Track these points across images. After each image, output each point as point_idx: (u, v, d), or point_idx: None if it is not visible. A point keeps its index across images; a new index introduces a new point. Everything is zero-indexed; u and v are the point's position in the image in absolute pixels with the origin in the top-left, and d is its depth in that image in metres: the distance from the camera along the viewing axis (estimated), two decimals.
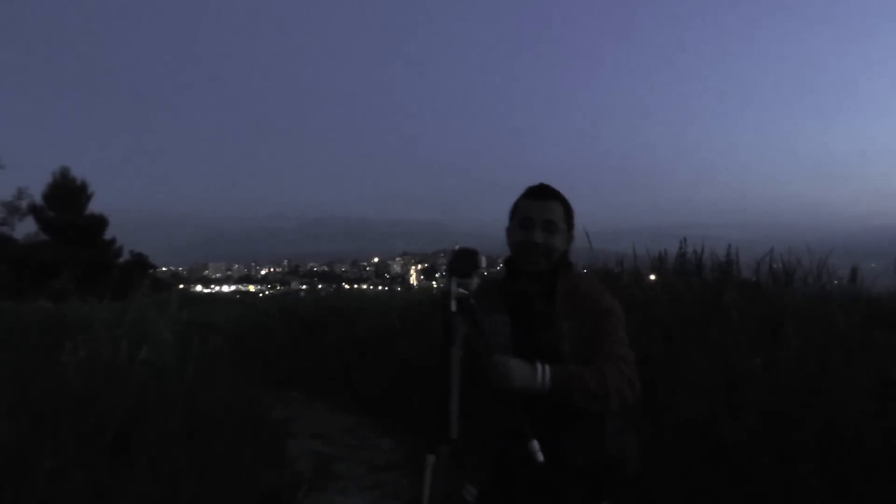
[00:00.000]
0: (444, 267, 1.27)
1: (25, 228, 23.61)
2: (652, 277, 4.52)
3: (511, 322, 1.52)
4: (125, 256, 28.41)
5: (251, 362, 7.34)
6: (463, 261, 1.32)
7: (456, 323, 1.21)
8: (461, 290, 1.27)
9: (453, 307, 1.23)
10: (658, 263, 4.67)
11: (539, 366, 1.36)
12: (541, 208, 1.59)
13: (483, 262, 1.40)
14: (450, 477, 1.10)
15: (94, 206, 27.14)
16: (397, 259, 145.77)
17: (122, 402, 3.33)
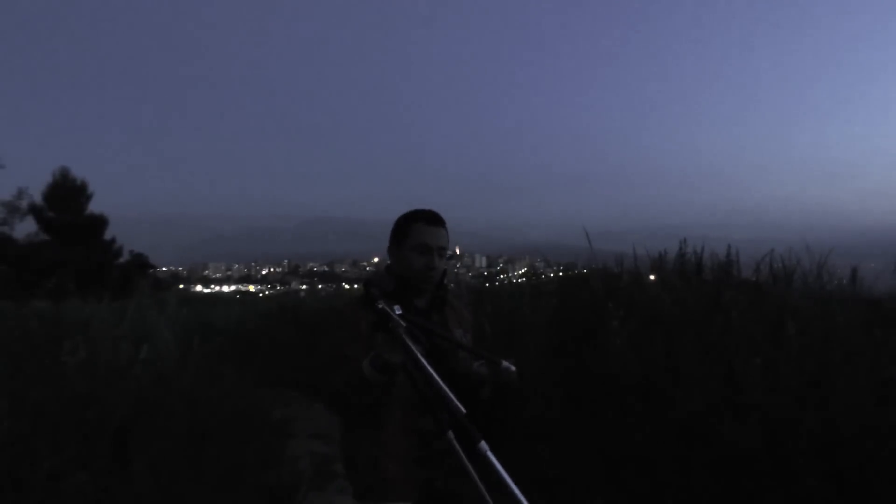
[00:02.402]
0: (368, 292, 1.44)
1: (25, 228, 23.57)
2: (652, 277, 4.52)
3: None
4: (125, 256, 28.35)
5: (251, 362, 7.34)
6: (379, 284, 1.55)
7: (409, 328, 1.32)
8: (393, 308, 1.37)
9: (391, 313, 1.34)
10: (658, 263, 4.67)
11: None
12: (435, 235, 1.70)
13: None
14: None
15: (94, 206, 27.11)
16: None
17: (122, 402, 3.33)
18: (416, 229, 1.70)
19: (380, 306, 1.32)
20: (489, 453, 1.19)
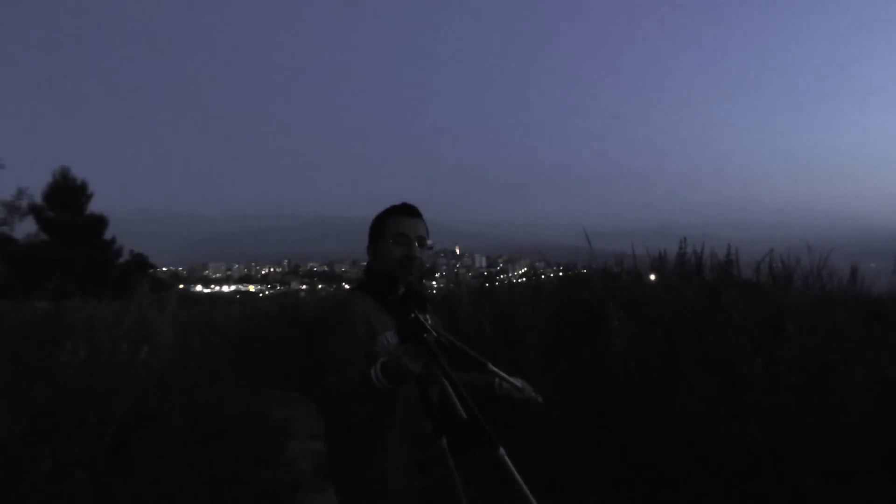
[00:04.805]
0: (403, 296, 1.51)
1: (25, 228, 23.53)
2: (652, 277, 4.52)
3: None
4: (125, 256, 28.37)
5: (251, 362, 7.34)
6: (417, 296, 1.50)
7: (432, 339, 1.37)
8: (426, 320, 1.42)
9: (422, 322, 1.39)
10: (658, 263, 4.67)
11: None
12: (413, 225, 1.67)
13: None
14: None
15: (94, 206, 27.15)
16: None
17: (122, 402, 3.33)
18: (393, 221, 1.67)
19: (413, 315, 1.34)
20: (506, 458, 1.29)
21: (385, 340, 1.54)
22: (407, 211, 1.69)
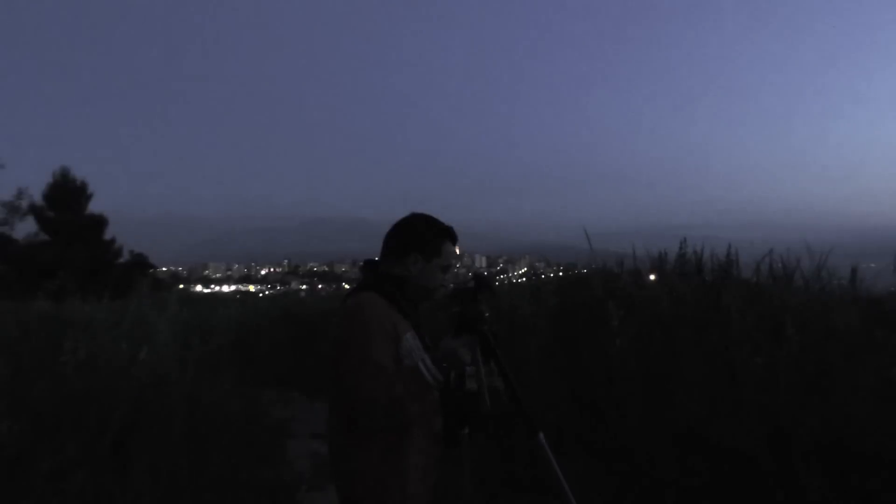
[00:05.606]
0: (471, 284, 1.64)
1: (25, 228, 23.50)
2: (652, 277, 4.52)
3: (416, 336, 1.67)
4: (125, 256, 28.33)
5: (251, 362, 7.34)
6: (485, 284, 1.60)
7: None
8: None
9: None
10: (658, 263, 4.67)
11: None
12: (456, 255, 1.77)
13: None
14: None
15: (94, 206, 27.07)
16: None
17: (122, 402, 3.33)
18: (447, 250, 1.72)
19: (479, 308, 1.43)
20: (545, 445, 1.35)
21: (407, 342, 1.55)
22: (456, 240, 1.77)
